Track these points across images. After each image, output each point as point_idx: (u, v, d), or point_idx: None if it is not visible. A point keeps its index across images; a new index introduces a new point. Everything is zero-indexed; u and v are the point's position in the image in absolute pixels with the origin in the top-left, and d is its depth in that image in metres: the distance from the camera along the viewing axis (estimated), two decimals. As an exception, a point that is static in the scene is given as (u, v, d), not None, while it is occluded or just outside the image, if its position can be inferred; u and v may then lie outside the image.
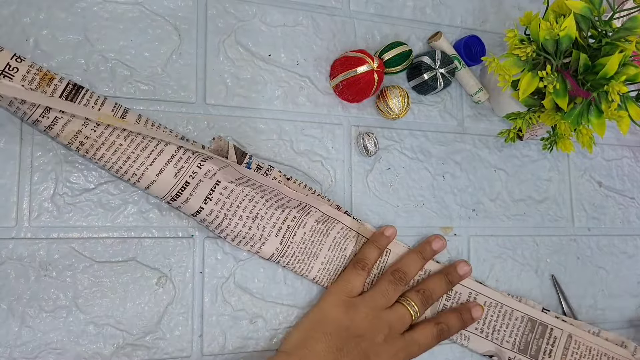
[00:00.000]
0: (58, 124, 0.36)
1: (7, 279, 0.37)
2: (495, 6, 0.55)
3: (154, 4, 0.42)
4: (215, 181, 0.39)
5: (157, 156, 0.38)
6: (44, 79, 0.37)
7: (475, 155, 0.52)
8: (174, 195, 0.38)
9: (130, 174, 0.37)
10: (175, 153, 0.38)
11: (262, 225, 0.41)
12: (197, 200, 0.39)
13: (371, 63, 0.43)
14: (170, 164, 0.38)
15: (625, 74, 0.40)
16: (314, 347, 0.40)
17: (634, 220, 0.59)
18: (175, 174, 0.38)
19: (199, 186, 0.39)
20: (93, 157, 0.37)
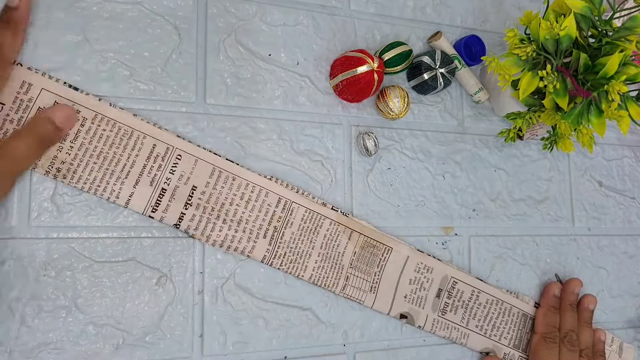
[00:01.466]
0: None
1: (7, 279, 0.37)
2: (495, 6, 0.55)
3: (153, 3, 0.42)
4: (191, 186, 0.40)
5: (130, 168, 0.39)
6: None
7: (475, 155, 0.52)
8: (154, 204, 0.39)
9: (109, 192, 0.39)
10: (147, 162, 0.39)
11: (249, 229, 0.42)
12: (177, 206, 0.40)
13: (371, 63, 0.43)
14: (144, 174, 0.39)
15: (626, 73, 0.40)
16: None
17: (635, 220, 0.59)
18: (150, 182, 0.39)
19: (176, 192, 0.40)
20: (71, 181, 0.38)
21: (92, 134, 0.38)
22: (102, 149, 0.38)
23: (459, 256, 0.50)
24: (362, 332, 0.46)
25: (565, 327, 0.49)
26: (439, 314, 0.47)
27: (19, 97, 0.37)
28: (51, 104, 0.38)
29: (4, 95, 0.37)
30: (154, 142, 0.39)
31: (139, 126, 0.39)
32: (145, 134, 0.39)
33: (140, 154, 0.39)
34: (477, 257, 0.51)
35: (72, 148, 0.38)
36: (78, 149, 0.38)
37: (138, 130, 0.39)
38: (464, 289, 0.48)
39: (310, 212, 0.44)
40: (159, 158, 0.39)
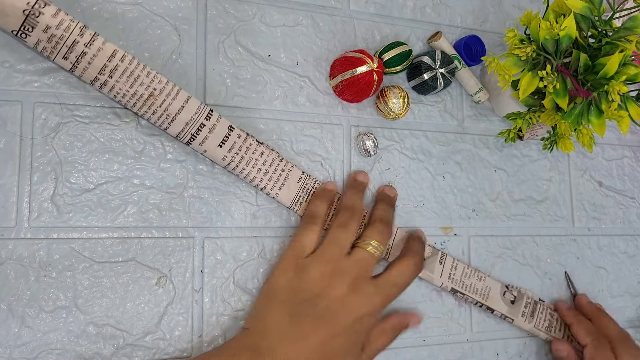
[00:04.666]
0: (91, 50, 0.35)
1: (7, 279, 0.37)
2: (495, 6, 0.55)
3: (153, 4, 0.42)
4: (228, 125, 0.40)
5: (177, 94, 0.38)
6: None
7: (475, 155, 0.52)
8: (205, 117, 0.38)
9: (167, 92, 0.37)
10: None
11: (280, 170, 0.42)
12: (219, 134, 0.39)
13: (371, 63, 0.43)
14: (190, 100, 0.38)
15: (626, 73, 0.40)
16: (269, 319, 0.38)
17: (635, 220, 0.59)
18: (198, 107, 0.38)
19: (215, 128, 0.39)
20: (120, 91, 0.37)
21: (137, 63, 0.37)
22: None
23: (460, 257, 0.50)
24: (362, 332, 0.46)
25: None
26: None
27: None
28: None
29: None
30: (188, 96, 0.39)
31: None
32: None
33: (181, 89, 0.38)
34: (477, 257, 0.51)
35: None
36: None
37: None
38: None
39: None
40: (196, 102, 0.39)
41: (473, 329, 0.50)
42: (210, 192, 0.42)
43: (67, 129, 0.39)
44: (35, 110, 0.38)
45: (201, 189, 0.42)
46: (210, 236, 0.42)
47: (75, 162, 0.39)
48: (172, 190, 0.41)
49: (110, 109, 0.40)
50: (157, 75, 0.37)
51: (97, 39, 0.35)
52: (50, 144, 0.38)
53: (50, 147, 0.38)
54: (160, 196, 0.41)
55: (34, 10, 0.33)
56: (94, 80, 0.37)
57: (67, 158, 0.39)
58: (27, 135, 0.38)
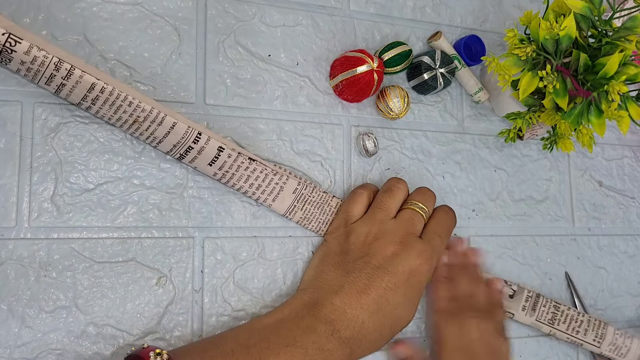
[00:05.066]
0: (73, 77, 0.35)
1: (7, 280, 0.37)
2: (495, 6, 0.55)
3: (153, 4, 0.42)
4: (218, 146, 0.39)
5: (162, 120, 0.37)
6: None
7: (475, 155, 0.52)
8: (192, 140, 0.38)
9: (152, 118, 0.37)
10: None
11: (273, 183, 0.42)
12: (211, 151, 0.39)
13: (371, 63, 0.43)
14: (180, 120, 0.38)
15: (626, 73, 0.40)
16: (324, 277, 0.40)
17: (635, 220, 0.59)
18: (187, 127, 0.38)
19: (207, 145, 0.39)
20: (108, 111, 0.37)
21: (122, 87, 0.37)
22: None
23: (458, 256, 0.50)
24: (362, 332, 0.46)
25: (461, 293, 0.45)
26: None
27: None
28: None
29: None
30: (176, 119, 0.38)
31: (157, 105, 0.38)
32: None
33: (167, 114, 0.38)
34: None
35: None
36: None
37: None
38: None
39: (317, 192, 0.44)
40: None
41: (473, 329, 0.50)
42: (210, 192, 0.42)
43: (67, 129, 0.39)
44: (35, 110, 0.38)
45: (201, 189, 0.42)
46: (210, 236, 0.42)
47: (75, 162, 0.39)
48: (172, 191, 0.41)
49: (110, 109, 0.40)
50: (139, 104, 0.36)
51: (74, 72, 0.35)
52: (50, 144, 0.38)
53: (50, 147, 0.38)
54: (160, 196, 0.41)
55: (5, 49, 0.33)
56: (78, 104, 0.37)
57: (67, 158, 0.39)
58: (27, 135, 0.38)
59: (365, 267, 0.39)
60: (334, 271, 0.40)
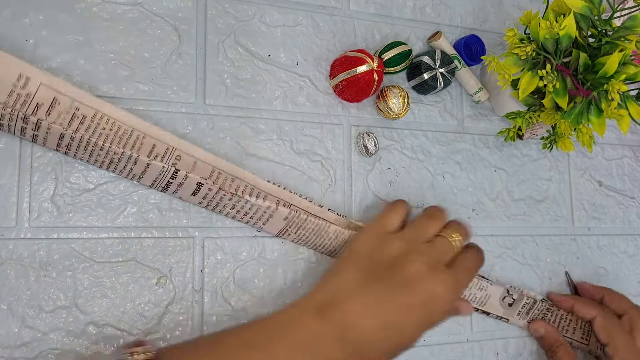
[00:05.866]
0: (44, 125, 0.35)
1: (7, 279, 0.37)
2: (495, 6, 0.55)
3: (153, 4, 0.42)
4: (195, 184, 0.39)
5: (136, 161, 0.38)
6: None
7: (475, 155, 0.52)
8: (170, 177, 0.38)
9: (126, 159, 0.37)
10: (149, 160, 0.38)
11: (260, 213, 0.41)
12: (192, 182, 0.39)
13: (371, 63, 0.43)
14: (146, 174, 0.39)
15: (625, 72, 0.40)
16: (342, 278, 0.38)
17: (635, 220, 0.59)
18: (152, 182, 0.39)
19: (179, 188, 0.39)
20: (86, 152, 0.37)
21: (92, 132, 0.38)
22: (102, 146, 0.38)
23: (459, 256, 0.50)
24: (362, 332, 0.46)
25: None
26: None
27: (16, 91, 0.35)
28: (50, 99, 0.36)
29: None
30: (154, 142, 0.39)
31: (139, 125, 0.39)
32: (145, 133, 0.39)
33: (140, 154, 0.38)
34: (477, 257, 0.51)
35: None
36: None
37: (137, 129, 0.39)
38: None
39: (314, 216, 0.43)
40: (159, 158, 0.39)
41: (473, 329, 0.50)
42: (211, 192, 0.42)
43: (67, 129, 0.39)
44: (35, 110, 0.38)
45: (201, 189, 0.42)
46: (210, 236, 0.42)
47: (76, 162, 0.39)
48: (172, 190, 0.41)
49: (110, 109, 0.40)
50: (111, 148, 0.36)
51: (42, 124, 0.35)
52: (51, 144, 0.38)
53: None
54: (160, 196, 0.41)
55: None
56: (56, 149, 0.38)
57: (67, 158, 0.39)
58: (27, 136, 0.38)
59: (389, 279, 0.38)
60: (355, 273, 0.38)
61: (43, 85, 0.36)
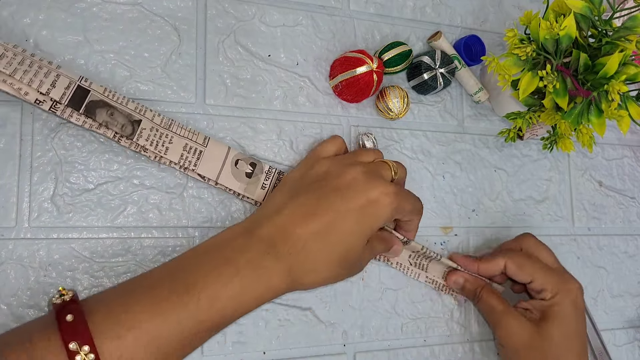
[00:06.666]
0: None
1: (7, 279, 0.37)
2: (495, 6, 0.55)
3: (153, 4, 0.42)
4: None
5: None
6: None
7: (475, 155, 0.52)
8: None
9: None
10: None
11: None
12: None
13: (370, 63, 0.43)
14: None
15: (626, 73, 0.40)
16: (271, 203, 0.38)
17: (635, 220, 0.59)
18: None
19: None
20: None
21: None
22: None
23: (458, 256, 0.50)
24: (362, 331, 0.46)
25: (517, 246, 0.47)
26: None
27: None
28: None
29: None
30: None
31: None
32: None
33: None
34: (477, 257, 0.51)
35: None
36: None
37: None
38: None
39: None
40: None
41: (473, 329, 0.50)
42: (210, 192, 0.42)
43: (67, 129, 0.39)
44: (36, 110, 0.38)
45: (201, 189, 0.42)
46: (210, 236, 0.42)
47: (75, 162, 0.39)
48: (172, 190, 0.41)
49: (110, 109, 0.40)
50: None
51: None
52: (50, 144, 0.39)
53: (50, 147, 0.38)
54: (160, 196, 0.41)
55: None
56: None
57: (67, 158, 0.39)
58: (27, 135, 0.38)
59: (317, 190, 0.36)
60: (283, 195, 0.37)
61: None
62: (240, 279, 0.33)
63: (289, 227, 0.35)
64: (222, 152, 0.41)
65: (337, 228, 0.35)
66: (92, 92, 0.37)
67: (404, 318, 0.47)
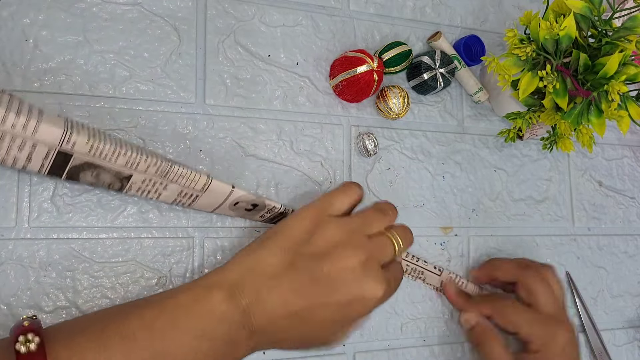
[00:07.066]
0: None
1: (7, 280, 0.37)
2: (495, 6, 0.55)
3: (153, 4, 0.42)
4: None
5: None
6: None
7: (475, 155, 0.52)
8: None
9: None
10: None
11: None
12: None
13: (371, 63, 0.43)
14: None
15: (625, 73, 0.40)
16: (265, 261, 0.35)
17: (635, 220, 0.59)
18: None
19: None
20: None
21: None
22: None
23: (459, 256, 0.50)
24: (362, 331, 0.46)
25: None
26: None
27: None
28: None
29: None
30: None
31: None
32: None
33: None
34: (477, 257, 0.51)
35: None
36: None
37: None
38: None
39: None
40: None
41: (473, 329, 0.50)
42: (210, 192, 0.42)
43: (67, 129, 0.39)
44: (35, 110, 0.38)
45: (201, 189, 0.42)
46: (210, 236, 0.42)
47: (75, 163, 0.39)
48: (172, 191, 0.41)
49: (110, 109, 0.40)
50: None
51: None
52: (50, 144, 0.38)
53: (50, 148, 0.38)
54: (160, 196, 0.41)
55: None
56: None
57: (67, 158, 0.39)
58: (27, 136, 0.38)
59: (314, 269, 0.34)
60: (279, 257, 0.34)
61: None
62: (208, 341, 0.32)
63: (270, 305, 0.33)
64: (223, 195, 0.38)
65: (314, 318, 0.34)
66: (75, 156, 0.33)
67: (403, 318, 0.47)
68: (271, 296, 0.33)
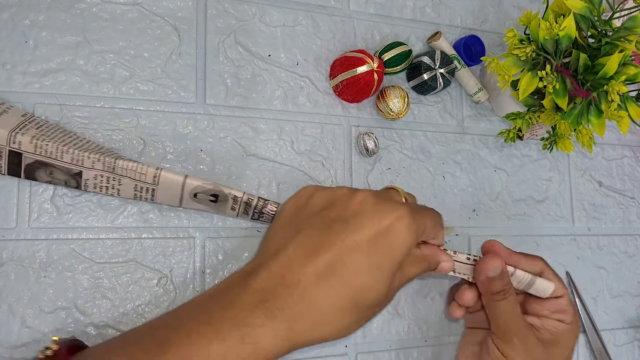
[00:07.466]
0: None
1: (8, 280, 0.37)
2: (495, 6, 0.55)
3: (153, 4, 0.42)
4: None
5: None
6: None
7: (475, 155, 0.52)
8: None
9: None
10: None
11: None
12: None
13: (371, 63, 0.43)
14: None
15: (625, 73, 0.40)
16: (270, 242, 0.33)
17: (635, 220, 0.59)
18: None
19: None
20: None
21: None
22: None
23: (459, 256, 0.50)
24: (364, 332, 0.46)
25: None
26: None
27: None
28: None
29: None
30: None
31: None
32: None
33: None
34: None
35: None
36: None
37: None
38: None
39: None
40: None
41: (473, 329, 0.50)
42: (211, 193, 0.42)
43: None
44: (36, 110, 0.38)
45: (201, 190, 0.42)
46: (211, 236, 0.42)
47: (75, 163, 0.39)
48: (173, 191, 0.41)
49: (110, 109, 0.40)
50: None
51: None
52: (50, 144, 0.38)
53: (50, 148, 0.38)
54: (161, 196, 0.41)
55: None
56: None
57: (67, 158, 0.39)
58: (27, 136, 0.38)
59: (320, 223, 0.31)
60: (282, 232, 0.32)
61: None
62: (221, 341, 0.27)
63: (286, 275, 0.29)
64: (177, 185, 0.37)
65: (345, 267, 0.29)
66: (25, 155, 0.33)
67: (405, 319, 0.47)
68: (285, 269, 0.29)
